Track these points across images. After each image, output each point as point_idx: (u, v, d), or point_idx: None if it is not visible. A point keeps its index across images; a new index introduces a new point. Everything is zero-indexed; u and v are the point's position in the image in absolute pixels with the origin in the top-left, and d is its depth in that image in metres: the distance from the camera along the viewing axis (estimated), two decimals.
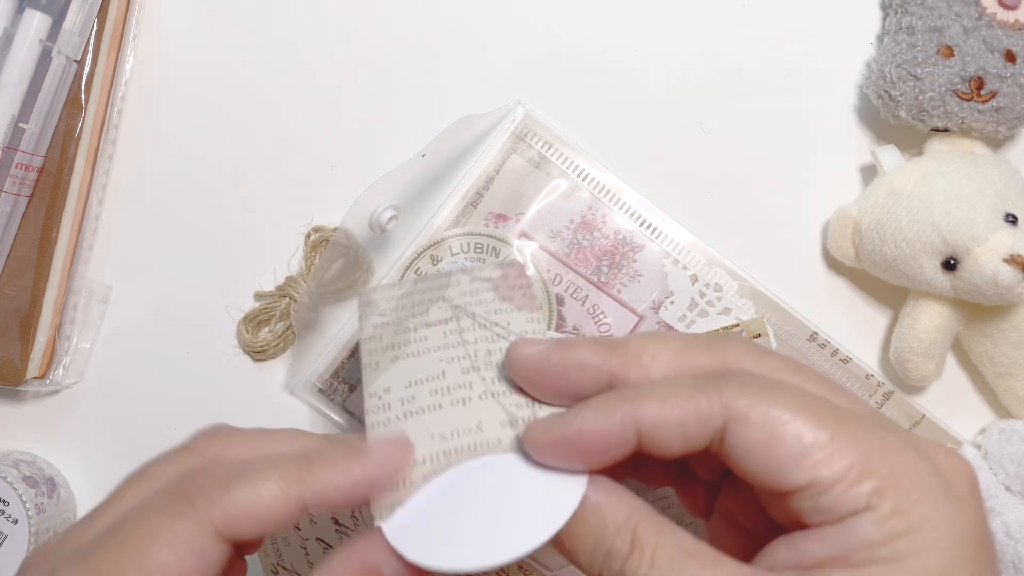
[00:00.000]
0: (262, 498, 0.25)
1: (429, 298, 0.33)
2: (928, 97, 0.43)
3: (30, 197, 0.46)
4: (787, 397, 0.24)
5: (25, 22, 0.45)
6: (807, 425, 0.23)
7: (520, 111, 0.48)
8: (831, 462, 0.23)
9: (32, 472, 0.46)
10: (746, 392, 0.24)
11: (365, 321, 0.33)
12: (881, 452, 0.23)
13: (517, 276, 0.34)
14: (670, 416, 0.24)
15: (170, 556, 0.24)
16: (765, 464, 0.24)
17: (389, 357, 0.31)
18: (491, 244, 0.47)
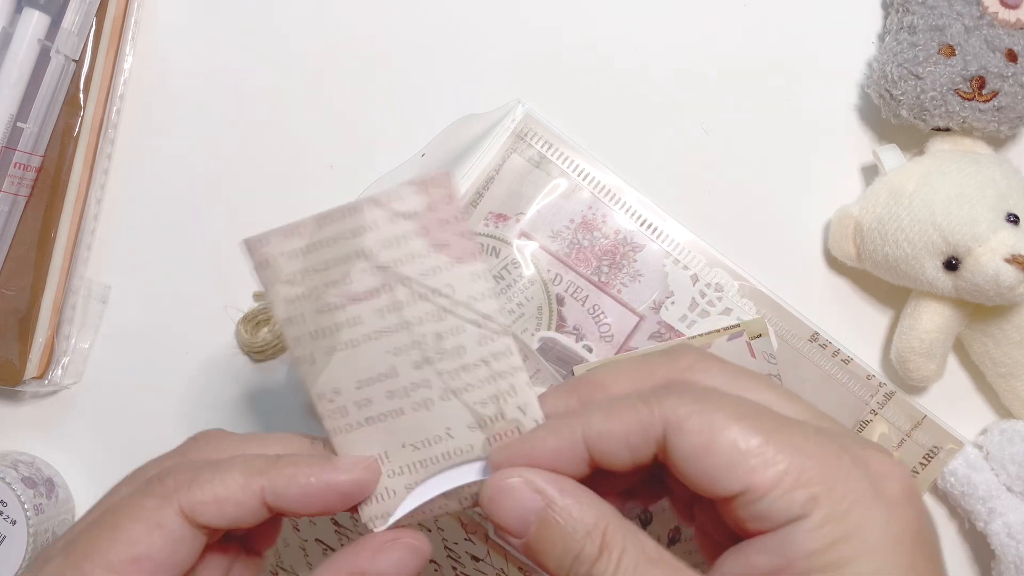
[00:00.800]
0: (225, 486, 0.27)
1: (343, 253, 0.28)
2: (929, 96, 0.43)
3: (28, 197, 0.46)
4: (725, 406, 0.25)
5: (24, 21, 0.45)
6: (742, 432, 0.24)
7: (520, 110, 0.48)
8: (764, 469, 0.24)
9: (30, 473, 0.46)
10: (685, 401, 0.25)
11: (272, 292, 0.28)
12: (816, 459, 0.24)
13: (445, 201, 0.27)
14: (614, 428, 0.26)
15: (139, 531, 0.26)
16: (702, 471, 0.24)
17: (323, 349, 0.28)
18: (491, 244, 0.47)
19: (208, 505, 0.27)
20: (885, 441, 0.46)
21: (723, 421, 0.25)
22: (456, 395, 0.28)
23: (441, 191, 0.28)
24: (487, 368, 0.28)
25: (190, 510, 0.26)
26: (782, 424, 0.25)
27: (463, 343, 0.28)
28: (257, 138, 0.49)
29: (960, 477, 0.45)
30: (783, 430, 0.25)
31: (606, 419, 0.26)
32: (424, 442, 0.28)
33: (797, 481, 0.24)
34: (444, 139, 0.46)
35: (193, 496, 0.27)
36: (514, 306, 0.47)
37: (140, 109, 0.49)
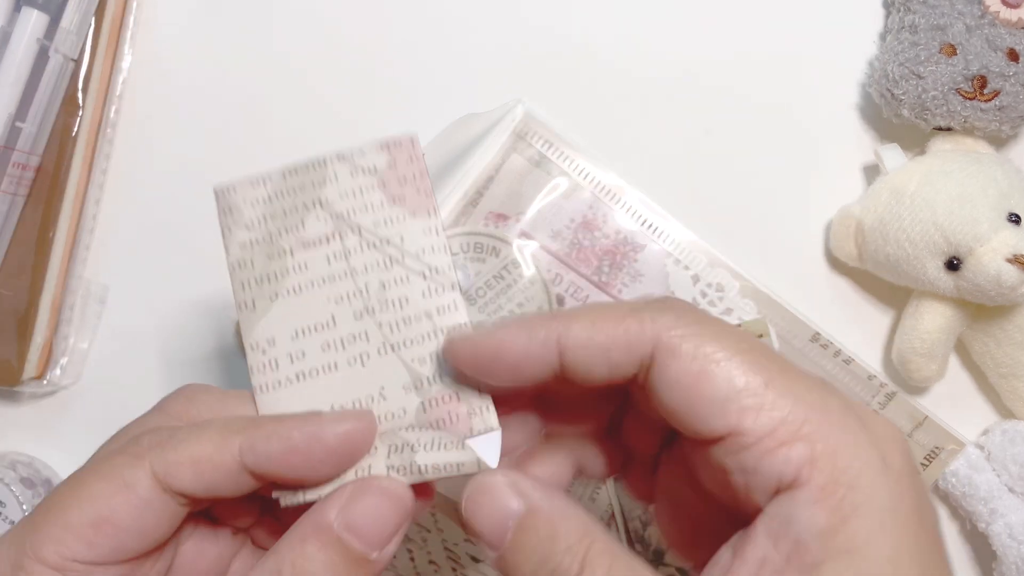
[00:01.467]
0: (201, 446, 0.24)
1: (303, 202, 0.28)
2: (931, 96, 0.43)
3: (27, 196, 0.46)
4: (725, 336, 0.22)
5: (22, 20, 0.45)
6: (741, 368, 0.21)
7: (520, 110, 0.48)
8: (760, 412, 0.21)
9: (29, 473, 0.46)
10: (682, 322, 0.22)
11: (229, 237, 0.28)
12: (819, 413, 0.21)
13: (407, 161, 0.28)
14: (597, 337, 0.23)
15: (103, 489, 0.23)
16: (689, 402, 0.21)
17: (267, 294, 0.27)
18: (491, 244, 0.47)
19: (182, 466, 0.24)
20: None
21: (722, 351, 0.21)
22: (394, 350, 0.27)
23: (403, 151, 0.28)
24: (430, 322, 0.27)
25: (163, 472, 0.24)
26: (786, 368, 0.22)
27: (407, 294, 0.27)
28: (256, 138, 0.49)
29: (961, 478, 0.45)
30: (787, 374, 0.22)
31: (589, 326, 0.23)
32: (355, 403, 0.27)
33: (796, 433, 0.21)
34: (444, 139, 0.46)
35: (166, 456, 0.24)
36: (514, 306, 0.47)
37: (139, 109, 0.49)
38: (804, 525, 0.20)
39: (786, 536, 0.20)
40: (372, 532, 0.23)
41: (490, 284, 0.47)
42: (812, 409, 0.21)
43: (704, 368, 0.21)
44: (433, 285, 0.27)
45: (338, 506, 0.23)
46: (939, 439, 0.46)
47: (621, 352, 0.22)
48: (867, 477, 0.21)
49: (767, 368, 0.21)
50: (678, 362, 0.22)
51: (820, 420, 0.21)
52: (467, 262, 0.47)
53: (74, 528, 0.23)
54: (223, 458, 0.24)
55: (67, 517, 0.23)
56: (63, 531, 0.23)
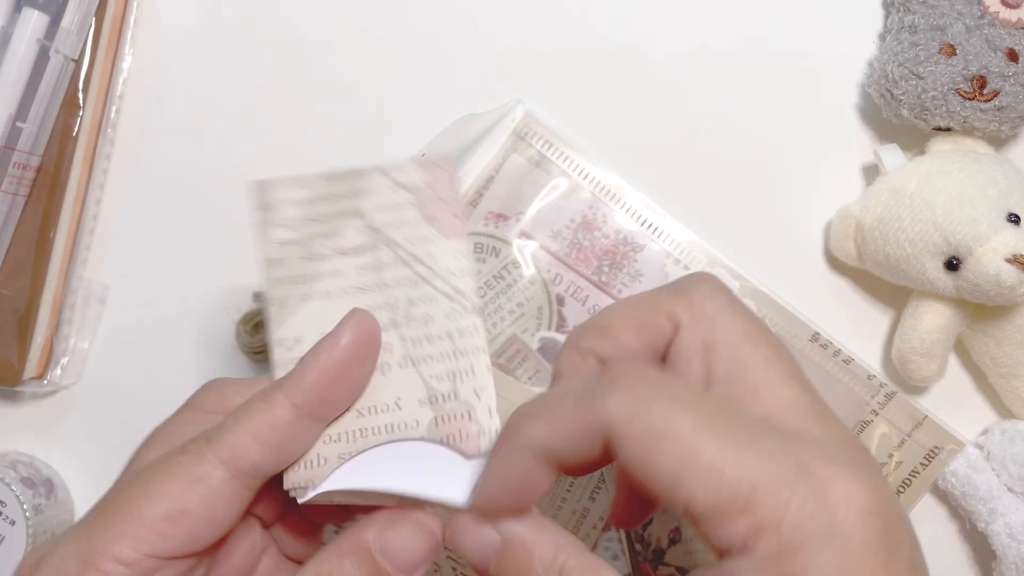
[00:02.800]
0: (252, 418, 0.26)
1: (342, 210, 0.29)
2: (930, 96, 0.43)
3: (27, 196, 0.46)
4: (679, 402, 0.22)
5: (23, 21, 0.45)
6: (692, 438, 0.22)
7: (520, 110, 0.48)
8: (708, 490, 0.21)
9: (29, 473, 0.46)
10: (627, 399, 0.22)
11: (265, 232, 0.29)
12: (768, 481, 0.21)
13: (444, 183, 0.29)
14: (559, 436, 0.24)
15: (174, 486, 0.25)
16: (647, 478, 0.22)
17: (298, 294, 0.28)
18: (491, 244, 0.47)
19: (247, 444, 0.25)
20: (886, 441, 0.46)
21: (673, 423, 0.22)
22: (414, 364, 0.28)
23: (443, 172, 0.29)
24: (450, 342, 0.28)
25: (231, 456, 0.25)
26: (739, 434, 0.22)
27: (432, 313, 0.28)
28: (256, 138, 0.49)
29: (961, 477, 0.45)
30: (739, 443, 0.22)
31: (546, 428, 0.24)
32: (370, 408, 0.28)
33: (745, 504, 0.21)
34: (444, 139, 0.46)
35: (227, 441, 0.25)
36: (514, 306, 0.47)
37: (139, 109, 0.49)
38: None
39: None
40: (404, 558, 0.26)
41: (490, 284, 0.47)
42: (763, 476, 0.21)
43: (654, 448, 0.22)
44: (457, 307, 0.28)
45: (376, 529, 0.26)
46: (939, 439, 0.46)
47: (581, 444, 0.23)
48: (811, 545, 0.21)
49: (717, 438, 0.22)
50: (630, 445, 0.22)
51: (769, 487, 0.21)
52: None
53: (149, 523, 0.25)
54: (277, 415, 0.26)
55: (141, 513, 0.25)
56: (138, 527, 0.24)
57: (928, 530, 0.47)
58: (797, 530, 0.21)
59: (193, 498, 0.25)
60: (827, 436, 0.24)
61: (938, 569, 0.48)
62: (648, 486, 0.22)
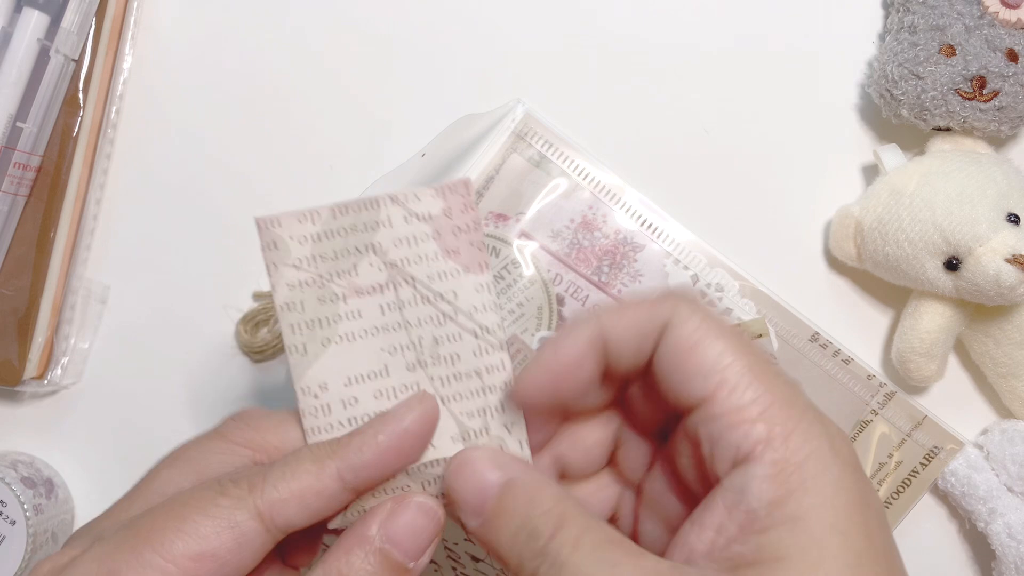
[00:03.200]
0: (299, 479, 0.26)
1: (355, 244, 0.28)
2: (930, 96, 0.43)
3: (28, 196, 0.46)
4: (724, 326, 0.25)
5: (23, 21, 0.45)
6: (729, 351, 0.24)
7: (520, 110, 0.48)
8: (734, 390, 0.24)
9: (30, 473, 0.46)
10: (693, 308, 0.25)
11: (276, 274, 0.27)
12: (784, 402, 0.24)
13: (461, 209, 0.28)
14: (625, 322, 0.26)
15: (209, 527, 0.25)
16: (681, 367, 0.25)
17: (319, 339, 0.28)
18: (491, 244, 0.47)
19: (289, 503, 0.25)
20: (885, 441, 0.46)
21: (717, 335, 0.25)
22: (444, 402, 0.28)
23: (459, 199, 0.28)
24: (479, 380, 0.28)
25: (268, 510, 0.25)
26: (768, 364, 0.25)
27: (459, 351, 0.28)
28: (256, 138, 0.49)
29: (961, 477, 0.45)
30: (767, 368, 0.25)
31: (618, 315, 0.26)
32: None
33: (760, 414, 0.24)
34: (444, 139, 0.46)
35: (270, 496, 0.25)
36: (514, 306, 0.47)
37: (139, 109, 0.49)
38: (755, 495, 0.23)
39: (739, 506, 0.23)
40: (410, 544, 0.26)
41: None
42: (778, 398, 0.24)
43: (698, 342, 0.25)
44: (484, 344, 0.28)
45: (379, 520, 0.26)
46: (938, 439, 0.46)
47: (636, 336, 0.26)
48: (816, 459, 0.23)
49: (751, 359, 0.25)
50: (680, 332, 0.25)
51: (783, 408, 0.24)
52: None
53: (178, 560, 0.24)
54: (325, 484, 0.26)
55: (172, 548, 0.25)
56: (165, 561, 0.24)
57: (927, 530, 0.47)
58: (805, 444, 0.23)
59: (225, 543, 0.25)
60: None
61: (938, 568, 0.48)
62: (675, 375, 0.25)
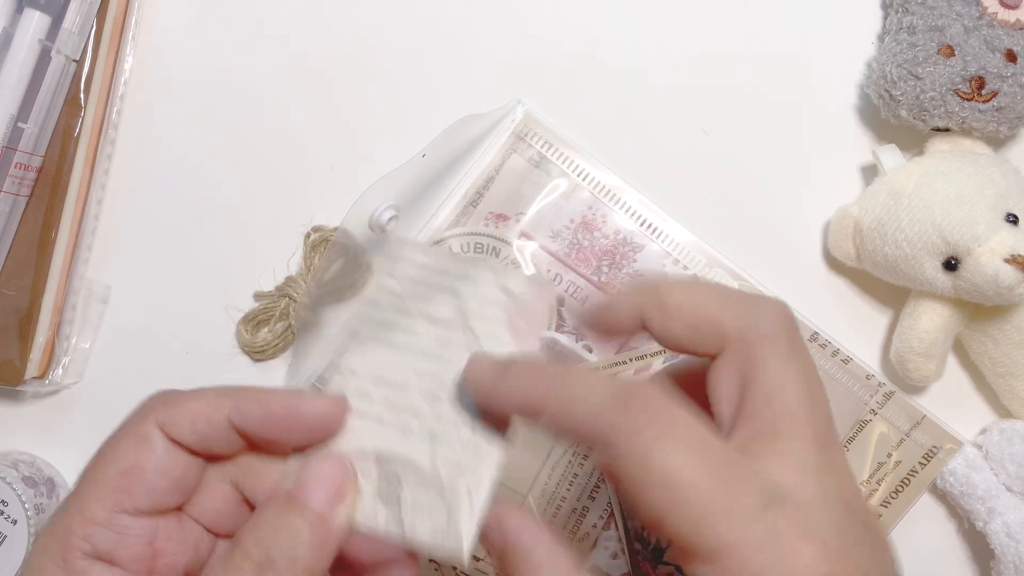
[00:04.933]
0: (196, 404, 0.28)
1: (443, 283, 0.31)
2: (929, 97, 0.43)
3: (29, 197, 0.46)
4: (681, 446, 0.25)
5: (24, 21, 0.45)
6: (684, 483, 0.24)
7: (520, 111, 0.48)
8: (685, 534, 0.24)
9: (31, 472, 0.46)
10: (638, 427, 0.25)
11: (379, 273, 0.32)
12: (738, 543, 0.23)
13: (541, 304, 0.31)
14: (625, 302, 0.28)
15: (126, 444, 0.27)
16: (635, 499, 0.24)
17: (374, 335, 0.31)
18: (491, 244, 0.47)
19: (181, 420, 0.27)
20: (884, 441, 0.46)
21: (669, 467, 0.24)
22: (432, 439, 0.29)
23: (545, 294, 0.31)
24: (471, 435, 0.29)
25: (166, 423, 0.27)
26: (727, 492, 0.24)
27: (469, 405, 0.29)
28: (257, 138, 0.49)
29: (959, 477, 0.45)
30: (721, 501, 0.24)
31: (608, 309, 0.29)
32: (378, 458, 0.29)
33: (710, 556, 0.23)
34: (444, 139, 0.46)
35: (168, 413, 0.28)
36: None
37: (140, 109, 0.49)
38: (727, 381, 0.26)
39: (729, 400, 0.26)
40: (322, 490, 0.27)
41: None
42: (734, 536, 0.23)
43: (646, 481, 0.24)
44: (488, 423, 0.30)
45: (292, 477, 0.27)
46: (937, 438, 0.46)
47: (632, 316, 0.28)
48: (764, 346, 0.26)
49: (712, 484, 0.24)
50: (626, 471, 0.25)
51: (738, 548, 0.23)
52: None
53: (109, 481, 0.26)
54: (215, 415, 0.27)
55: (102, 473, 0.27)
56: (99, 486, 0.26)
57: (926, 529, 0.47)
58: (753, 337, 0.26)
59: (143, 454, 0.27)
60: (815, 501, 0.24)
61: (936, 568, 0.48)
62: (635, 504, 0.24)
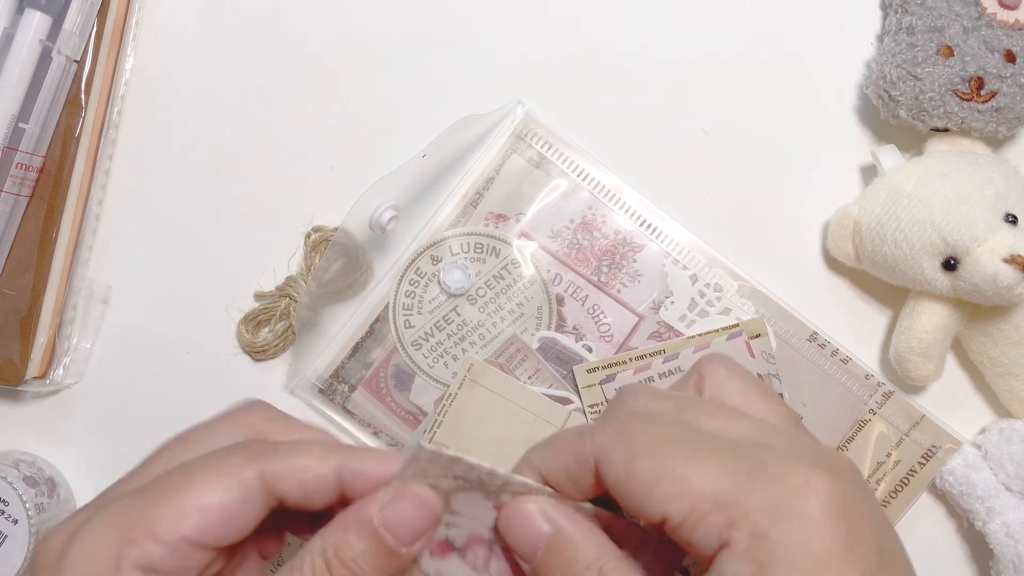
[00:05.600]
0: (306, 454, 0.27)
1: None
2: (928, 97, 0.43)
3: (30, 197, 0.46)
4: (646, 432, 0.26)
5: (25, 22, 0.45)
6: (661, 458, 0.25)
7: (520, 111, 0.48)
8: (679, 498, 0.24)
9: (32, 472, 0.46)
10: (610, 430, 0.26)
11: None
12: (731, 481, 0.24)
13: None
14: (557, 461, 0.27)
15: (217, 483, 0.26)
16: (628, 499, 0.25)
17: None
18: (491, 244, 0.47)
19: (289, 474, 0.27)
20: (884, 440, 0.46)
21: (642, 449, 0.25)
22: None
23: None
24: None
25: (272, 475, 0.27)
26: (702, 448, 0.25)
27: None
28: (258, 139, 0.49)
29: (959, 476, 0.45)
30: (701, 455, 0.25)
31: (550, 454, 0.28)
32: None
33: (713, 506, 0.24)
34: (444, 140, 0.46)
35: (275, 464, 0.27)
36: (514, 306, 0.47)
37: (141, 110, 0.49)
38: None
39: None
40: (405, 531, 0.27)
41: (490, 284, 0.47)
42: (725, 477, 0.24)
43: (630, 468, 0.25)
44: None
45: (379, 505, 0.27)
46: (936, 438, 0.46)
47: (576, 468, 0.27)
48: (777, 528, 0.23)
49: (683, 454, 0.25)
50: (611, 467, 0.26)
51: (732, 487, 0.24)
52: (467, 262, 0.48)
53: (190, 512, 0.26)
54: (324, 471, 0.27)
55: (183, 501, 0.26)
56: (177, 512, 0.26)
57: (926, 529, 0.48)
58: (762, 516, 0.23)
59: (234, 497, 0.26)
60: (789, 446, 0.26)
61: (936, 568, 0.48)
62: (628, 505, 0.25)
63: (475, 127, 0.47)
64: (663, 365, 0.46)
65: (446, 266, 0.47)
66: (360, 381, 0.48)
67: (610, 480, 0.26)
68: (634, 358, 0.46)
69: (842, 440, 0.46)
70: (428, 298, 0.48)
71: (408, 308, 0.48)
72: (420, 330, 0.47)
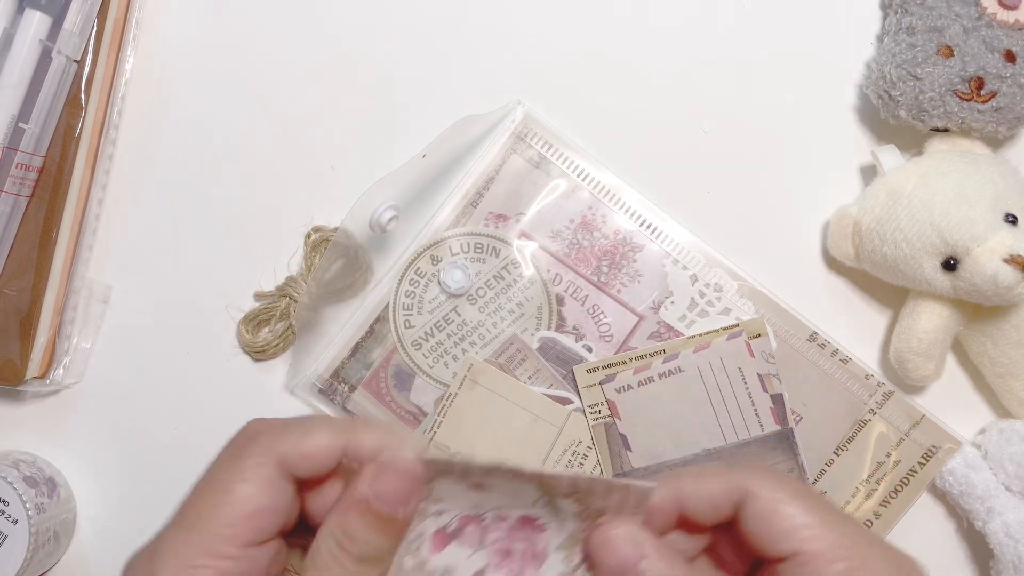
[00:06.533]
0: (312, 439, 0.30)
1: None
2: (928, 97, 0.43)
3: (30, 197, 0.46)
4: (793, 488, 0.31)
5: (25, 22, 0.45)
6: (800, 509, 0.30)
7: (520, 111, 0.48)
8: (814, 540, 0.29)
9: (32, 472, 0.46)
10: (760, 476, 0.31)
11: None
12: (854, 541, 0.29)
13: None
14: (704, 488, 0.31)
15: (249, 488, 0.29)
16: (766, 532, 0.30)
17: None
18: (491, 244, 0.48)
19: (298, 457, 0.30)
20: (884, 440, 0.46)
21: (788, 496, 0.30)
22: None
23: None
24: None
25: (285, 464, 0.30)
26: (833, 511, 0.30)
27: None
28: (258, 139, 0.49)
29: (959, 476, 0.45)
30: (833, 516, 0.30)
31: (701, 476, 0.31)
32: None
33: (837, 555, 0.29)
34: (444, 140, 0.46)
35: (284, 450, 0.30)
36: (514, 306, 0.47)
37: (141, 110, 0.49)
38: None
39: None
40: (392, 497, 0.30)
41: (490, 284, 0.47)
42: (847, 538, 0.29)
43: (775, 508, 0.30)
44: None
45: (367, 482, 0.30)
46: (936, 438, 0.46)
47: (722, 497, 0.31)
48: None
49: (819, 510, 0.30)
50: (759, 503, 0.30)
51: (854, 546, 0.29)
52: (467, 262, 0.48)
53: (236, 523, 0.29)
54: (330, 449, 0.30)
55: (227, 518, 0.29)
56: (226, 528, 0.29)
57: (925, 529, 0.48)
58: (878, 572, 0.29)
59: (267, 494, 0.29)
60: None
61: (936, 568, 0.48)
62: (762, 537, 0.30)
63: (475, 127, 0.47)
64: (663, 365, 0.46)
65: (446, 266, 0.47)
66: (360, 381, 0.48)
67: (754, 513, 0.30)
68: (634, 358, 0.46)
69: (842, 440, 0.46)
70: (428, 298, 0.48)
71: (408, 308, 0.48)
72: (420, 330, 0.47)
